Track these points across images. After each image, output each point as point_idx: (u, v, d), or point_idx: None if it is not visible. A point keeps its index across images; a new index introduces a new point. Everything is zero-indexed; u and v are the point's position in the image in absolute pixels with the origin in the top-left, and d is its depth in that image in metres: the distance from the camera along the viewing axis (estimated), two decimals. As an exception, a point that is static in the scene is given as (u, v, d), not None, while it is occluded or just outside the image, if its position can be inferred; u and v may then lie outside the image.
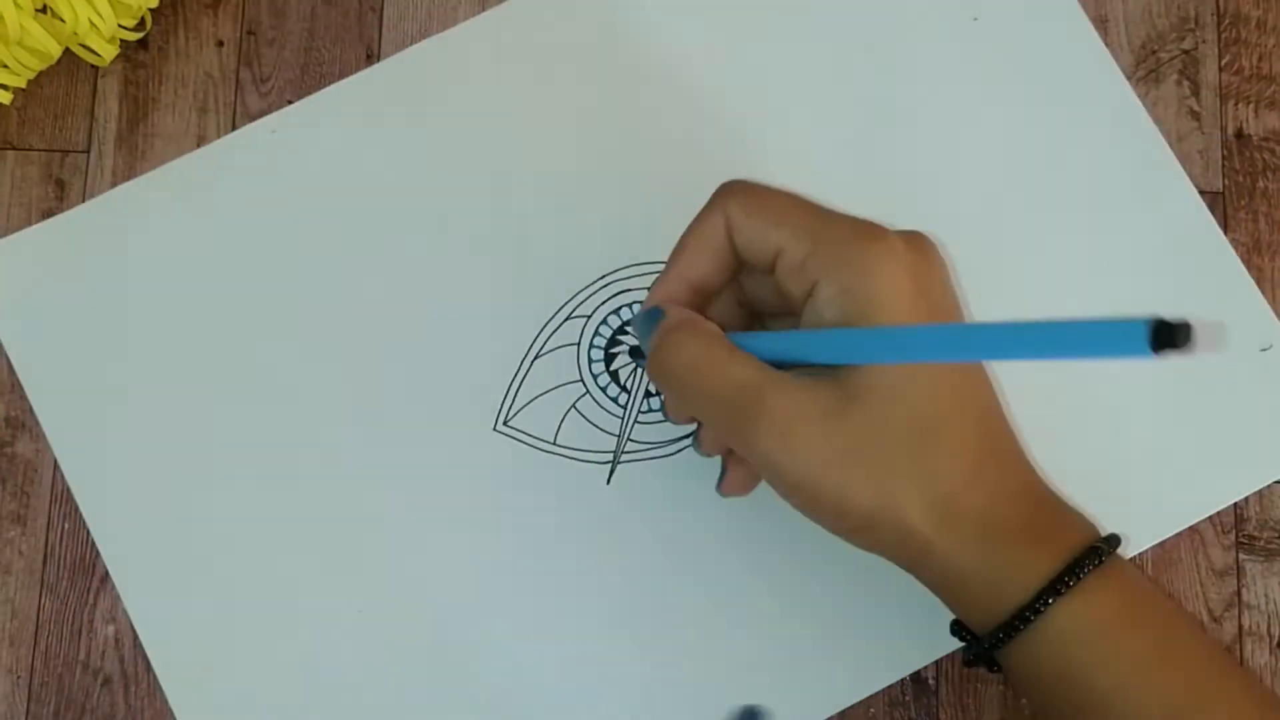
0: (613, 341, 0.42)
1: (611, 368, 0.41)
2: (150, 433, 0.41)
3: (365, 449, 0.41)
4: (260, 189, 0.42)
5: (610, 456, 0.41)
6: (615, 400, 0.41)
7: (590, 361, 0.42)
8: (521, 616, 0.40)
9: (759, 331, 0.38)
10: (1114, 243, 0.42)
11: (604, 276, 0.42)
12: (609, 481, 0.41)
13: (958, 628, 0.36)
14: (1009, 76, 0.43)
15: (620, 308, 0.42)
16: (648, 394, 0.41)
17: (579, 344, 0.42)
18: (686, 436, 0.41)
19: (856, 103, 0.43)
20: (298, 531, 0.41)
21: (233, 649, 0.40)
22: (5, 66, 0.41)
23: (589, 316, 0.42)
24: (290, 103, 0.43)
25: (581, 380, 0.41)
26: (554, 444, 0.41)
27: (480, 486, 0.41)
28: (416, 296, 0.42)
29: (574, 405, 0.41)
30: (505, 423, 0.41)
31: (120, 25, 0.42)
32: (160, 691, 0.41)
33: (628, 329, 0.42)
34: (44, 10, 0.40)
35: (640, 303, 0.41)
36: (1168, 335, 0.23)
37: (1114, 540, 0.34)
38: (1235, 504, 0.41)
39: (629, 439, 0.41)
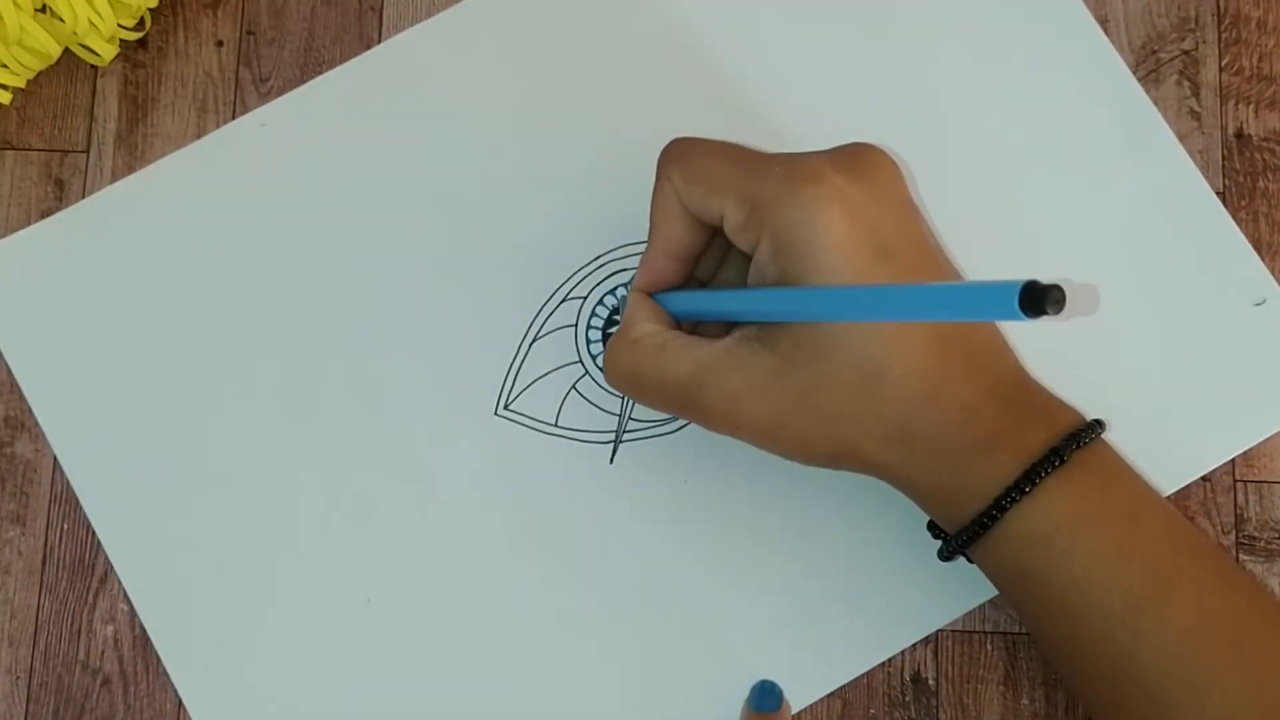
0: (609, 321, 0.42)
1: (610, 348, 0.42)
2: (151, 428, 0.41)
3: (368, 440, 0.41)
4: (253, 182, 0.43)
5: (612, 436, 0.41)
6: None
7: (589, 342, 0.42)
8: (529, 599, 0.40)
9: (699, 291, 0.38)
10: (1107, 202, 0.42)
11: (599, 257, 0.42)
12: (612, 461, 0.41)
13: (932, 526, 0.37)
14: (1005, 45, 0.43)
15: (616, 288, 0.42)
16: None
17: (576, 325, 0.42)
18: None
19: (855, 81, 0.43)
20: (303, 524, 0.41)
21: (242, 642, 0.40)
22: (5, 66, 0.41)
23: (585, 298, 0.42)
24: (288, 102, 0.44)
25: (580, 361, 0.42)
26: (556, 426, 0.41)
27: (484, 471, 0.41)
28: (413, 284, 0.42)
29: (574, 386, 0.41)
30: (506, 407, 0.41)
31: (120, 25, 0.42)
32: (160, 692, 0.40)
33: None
34: (43, 10, 0.41)
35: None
36: (1038, 299, 0.23)
37: (1084, 434, 0.34)
38: (1236, 504, 0.41)
39: (630, 418, 0.41)
